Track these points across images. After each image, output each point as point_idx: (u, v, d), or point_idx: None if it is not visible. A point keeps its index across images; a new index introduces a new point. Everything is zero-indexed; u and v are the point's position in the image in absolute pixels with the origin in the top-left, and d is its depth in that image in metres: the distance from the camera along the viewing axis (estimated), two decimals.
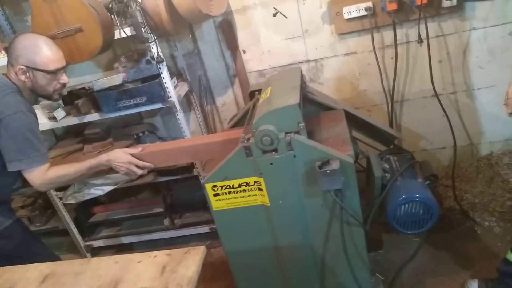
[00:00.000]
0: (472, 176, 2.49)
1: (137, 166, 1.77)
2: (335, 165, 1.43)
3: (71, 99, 2.42)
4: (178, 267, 1.14)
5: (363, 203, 1.62)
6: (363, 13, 2.24)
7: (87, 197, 2.51)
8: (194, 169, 2.43)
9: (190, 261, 1.13)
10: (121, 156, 1.75)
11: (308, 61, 2.51)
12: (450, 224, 2.35)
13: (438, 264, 2.11)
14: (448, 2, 2.13)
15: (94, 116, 2.33)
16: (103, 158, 1.75)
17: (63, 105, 2.42)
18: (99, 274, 1.18)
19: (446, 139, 2.51)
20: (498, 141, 2.57)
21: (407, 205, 1.64)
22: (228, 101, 2.73)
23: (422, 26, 2.20)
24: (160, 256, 1.19)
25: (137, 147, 1.84)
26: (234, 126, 2.01)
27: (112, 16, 2.03)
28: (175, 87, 2.32)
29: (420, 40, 2.24)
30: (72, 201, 2.56)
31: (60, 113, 2.36)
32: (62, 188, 2.57)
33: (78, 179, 1.80)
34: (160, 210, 2.72)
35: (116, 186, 2.49)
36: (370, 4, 2.21)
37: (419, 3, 2.12)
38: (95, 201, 2.82)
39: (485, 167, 2.50)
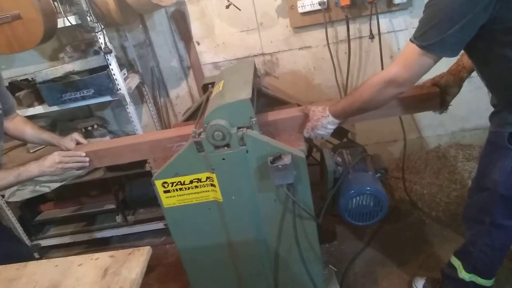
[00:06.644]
0: (421, 168, 2.58)
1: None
2: (287, 160, 1.42)
3: (13, 91, 2.26)
4: (121, 269, 1.08)
5: (317, 196, 1.63)
6: (317, 7, 2.24)
7: (32, 195, 2.39)
8: (147, 164, 2.35)
9: (134, 262, 1.08)
10: (48, 162, 1.62)
11: (263, 54, 2.49)
12: (400, 214, 2.43)
13: (388, 254, 2.18)
14: None
15: (37, 109, 2.20)
16: (34, 170, 1.60)
17: None
18: (35, 279, 1.11)
19: (397, 133, 2.57)
20: (445, 134, 2.68)
21: (358, 197, 1.66)
22: (182, 94, 2.66)
23: (374, 22, 2.24)
24: (102, 258, 1.13)
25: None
26: (188, 120, 1.96)
27: (55, 3, 1.91)
28: (125, 79, 2.23)
29: (371, 36, 2.28)
30: (16, 199, 2.42)
31: None
32: None
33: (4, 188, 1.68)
34: (112, 206, 2.62)
35: (63, 183, 2.38)
36: None
37: None
38: (42, 199, 2.68)
39: (433, 159, 2.59)
